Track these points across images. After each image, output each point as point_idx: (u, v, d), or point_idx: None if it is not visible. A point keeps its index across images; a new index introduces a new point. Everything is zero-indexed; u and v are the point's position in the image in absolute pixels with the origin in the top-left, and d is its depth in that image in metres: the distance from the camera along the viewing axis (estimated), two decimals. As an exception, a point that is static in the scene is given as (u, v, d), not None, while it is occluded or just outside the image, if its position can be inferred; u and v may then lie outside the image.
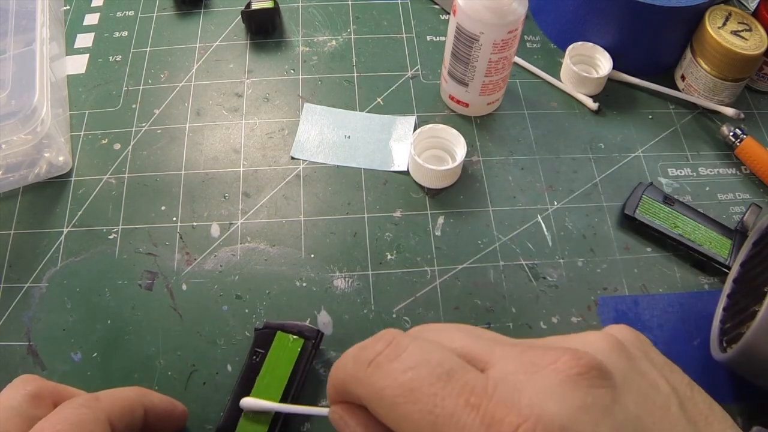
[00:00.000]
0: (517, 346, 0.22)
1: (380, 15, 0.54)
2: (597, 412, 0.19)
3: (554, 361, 0.20)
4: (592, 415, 0.19)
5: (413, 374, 0.21)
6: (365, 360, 0.22)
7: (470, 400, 0.20)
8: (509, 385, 0.20)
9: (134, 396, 0.29)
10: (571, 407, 0.19)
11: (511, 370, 0.21)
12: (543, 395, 0.19)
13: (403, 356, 0.21)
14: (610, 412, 0.20)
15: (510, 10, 0.40)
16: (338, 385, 0.24)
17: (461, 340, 0.23)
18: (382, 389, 0.21)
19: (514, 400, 0.19)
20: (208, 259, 0.40)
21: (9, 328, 0.37)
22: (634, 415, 0.20)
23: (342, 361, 0.24)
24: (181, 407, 0.33)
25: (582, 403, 0.19)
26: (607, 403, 0.20)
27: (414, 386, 0.20)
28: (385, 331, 0.23)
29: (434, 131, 0.44)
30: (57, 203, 0.42)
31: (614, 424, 0.19)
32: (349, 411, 0.25)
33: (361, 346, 0.23)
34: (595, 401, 0.19)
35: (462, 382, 0.20)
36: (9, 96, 0.39)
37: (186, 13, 0.53)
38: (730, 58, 0.45)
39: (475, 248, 0.41)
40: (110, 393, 0.29)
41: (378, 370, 0.21)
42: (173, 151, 0.45)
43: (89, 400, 0.27)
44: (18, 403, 0.27)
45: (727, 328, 0.37)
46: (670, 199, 0.43)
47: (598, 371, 0.20)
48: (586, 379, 0.20)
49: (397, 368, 0.21)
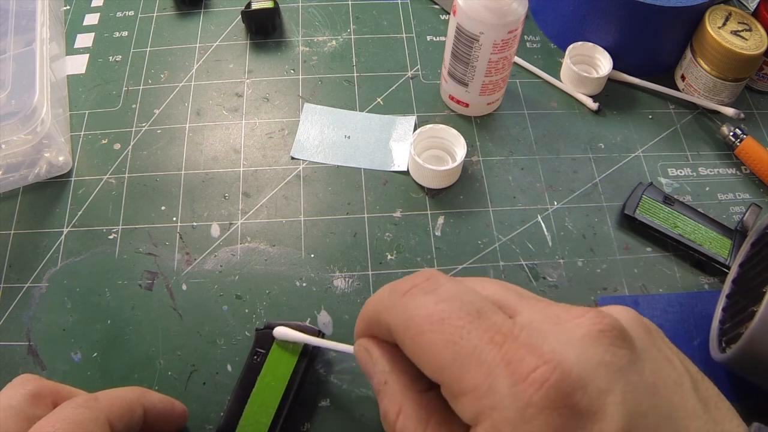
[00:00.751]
0: (545, 301, 0.23)
1: (380, 15, 0.54)
2: (614, 370, 0.20)
3: (579, 316, 0.21)
4: (609, 372, 0.20)
5: (445, 306, 0.21)
6: (401, 290, 0.23)
7: (495, 338, 0.20)
8: (534, 331, 0.21)
9: (133, 396, 0.29)
10: (590, 360, 0.20)
11: (537, 318, 0.21)
12: (565, 345, 0.20)
13: (438, 290, 0.22)
14: (627, 373, 0.20)
15: (510, 10, 0.40)
16: (369, 315, 0.25)
17: (493, 289, 0.24)
18: (412, 316, 0.22)
19: (537, 344, 0.20)
20: (208, 259, 0.40)
21: (9, 328, 0.37)
22: (649, 382, 0.20)
23: (377, 293, 0.25)
24: (180, 407, 0.33)
25: (601, 359, 0.20)
26: (624, 363, 0.20)
27: (444, 316, 0.21)
28: (424, 270, 0.24)
29: (434, 131, 0.44)
30: (57, 203, 0.42)
31: (628, 385, 0.20)
32: (374, 343, 0.26)
33: (398, 281, 0.24)
34: (614, 360, 0.20)
35: (490, 322, 0.21)
36: (9, 96, 0.39)
37: (186, 13, 0.53)
38: (730, 58, 0.45)
39: (475, 248, 0.41)
40: (109, 393, 0.29)
41: (412, 298, 0.22)
42: (173, 151, 0.45)
43: (88, 400, 0.27)
44: (17, 402, 0.27)
45: (726, 328, 0.37)
46: (670, 199, 0.43)
47: (620, 332, 0.21)
48: (608, 337, 0.20)
49: (430, 300, 0.22)
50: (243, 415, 0.32)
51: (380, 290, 0.25)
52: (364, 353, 0.26)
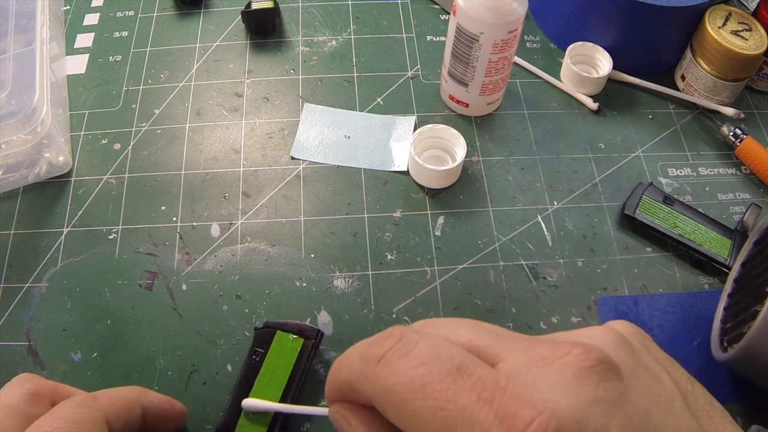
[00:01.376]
0: (525, 340, 0.22)
1: (380, 15, 0.54)
2: (608, 405, 0.19)
3: (564, 354, 0.20)
4: (604, 409, 0.19)
5: (424, 370, 0.20)
6: (374, 357, 0.22)
7: (483, 395, 0.20)
8: (521, 379, 0.20)
9: (132, 395, 0.29)
10: (583, 401, 0.19)
11: (521, 364, 0.21)
12: (555, 389, 0.19)
13: (413, 352, 0.21)
14: (621, 405, 0.20)
15: (510, 10, 0.40)
16: (341, 383, 0.24)
17: (467, 335, 0.22)
18: (392, 385, 0.21)
19: (526, 394, 0.19)
20: (208, 259, 0.40)
21: (9, 328, 0.37)
22: (642, 408, 0.20)
23: (346, 358, 0.24)
24: (179, 406, 0.33)
25: (594, 397, 0.19)
26: (616, 396, 0.20)
27: (425, 381, 0.20)
28: (392, 329, 0.22)
29: (434, 131, 0.44)
30: (57, 203, 0.42)
31: (624, 417, 0.19)
32: (350, 409, 0.24)
33: (368, 343, 0.23)
34: (606, 395, 0.20)
35: (474, 377, 0.20)
36: (9, 96, 0.39)
37: (186, 13, 0.53)
38: (730, 58, 0.45)
39: (475, 248, 0.41)
40: (108, 392, 0.29)
41: (387, 366, 0.21)
42: (173, 151, 0.45)
43: (86, 400, 0.27)
44: (16, 401, 0.27)
45: (728, 327, 0.37)
46: (670, 199, 0.43)
47: (608, 365, 0.20)
48: (596, 372, 0.20)
49: (407, 364, 0.21)
50: (242, 415, 0.32)
51: (346, 355, 0.24)
52: (341, 420, 0.25)
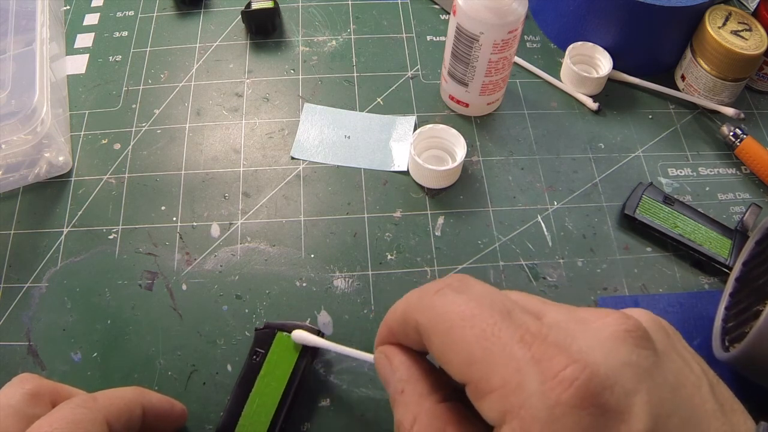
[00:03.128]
0: (567, 306, 0.23)
1: (380, 15, 0.54)
2: (640, 369, 0.20)
3: (604, 316, 0.21)
4: (635, 372, 0.20)
5: (476, 304, 0.22)
6: (433, 289, 0.23)
7: (525, 337, 0.21)
8: (562, 332, 0.21)
9: (132, 396, 0.29)
10: (617, 361, 0.20)
11: (563, 319, 0.22)
12: (592, 345, 0.20)
13: (470, 290, 0.23)
14: (651, 374, 0.20)
15: (510, 10, 0.40)
16: (395, 319, 0.25)
17: (516, 295, 0.24)
18: (444, 312, 0.22)
19: (565, 344, 0.20)
20: (208, 259, 0.40)
21: (9, 328, 0.37)
22: (672, 383, 0.21)
23: (406, 297, 0.25)
24: (179, 406, 0.33)
25: (627, 360, 0.20)
26: (649, 364, 0.20)
27: (476, 312, 0.22)
28: (454, 274, 0.24)
29: (434, 131, 0.44)
30: (57, 203, 0.42)
31: (653, 386, 0.20)
32: (394, 351, 0.26)
33: (428, 283, 0.24)
34: (639, 360, 0.20)
35: (520, 321, 0.21)
36: (9, 96, 0.39)
37: (186, 13, 0.53)
38: (730, 58, 0.45)
39: (475, 248, 0.41)
40: (108, 393, 0.29)
41: (444, 297, 0.23)
42: (173, 151, 0.45)
43: (87, 401, 0.27)
44: (16, 401, 0.27)
45: (729, 327, 0.37)
46: (670, 199, 0.43)
47: (644, 333, 0.21)
48: (633, 337, 0.21)
49: (462, 297, 0.22)
50: (242, 415, 0.32)
51: (408, 294, 0.25)
52: (383, 360, 0.26)
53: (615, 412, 0.19)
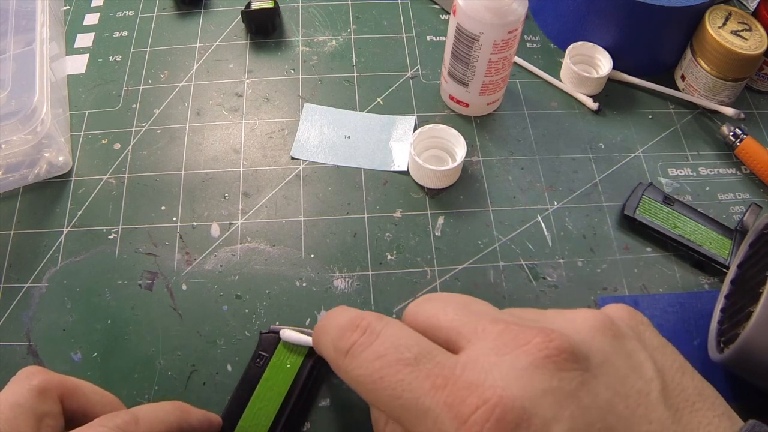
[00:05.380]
0: (500, 323, 0.22)
1: (380, 15, 0.54)
2: (562, 395, 0.19)
3: (525, 343, 0.21)
4: (556, 398, 0.19)
5: (382, 362, 0.22)
6: (343, 350, 0.23)
7: (436, 383, 0.20)
8: (478, 367, 0.21)
9: (174, 419, 0.28)
10: (534, 390, 0.19)
11: (484, 351, 0.21)
12: (509, 377, 0.20)
13: (374, 345, 0.22)
14: (576, 396, 0.19)
15: (510, 10, 0.40)
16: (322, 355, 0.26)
17: (453, 313, 0.24)
18: (357, 377, 0.22)
19: (479, 381, 0.20)
20: (208, 259, 0.40)
21: (9, 328, 0.37)
22: (604, 399, 0.20)
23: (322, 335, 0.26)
24: (216, 421, 0.31)
25: (547, 387, 0.19)
26: (573, 387, 0.20)
27: (383, 374, 0.21)
28: (360, 317, 0.24)
29: (434, 131, 0.44)
30: (57, 203, 0.42)
31: (578, 408, 0.19)
32: None
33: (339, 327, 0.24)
34: (561, 384, 0.20)
35: (430, 365, 0.21)
36: (9, 96, 0.39)
37: (186, 13, 0.53)
38: (730, 58, 0.45)
39: (475, 248, 0.41)
40: (149, 415, 0.27)
41: (354, 359, 0.23)
42: (173, 151, 0.45)
43: (128, 423, 0.25)
44: (25, 399, 0.25)
45: (724, 328, 0.37)
46: (670, 199, 0.43)
47: (569, 354, 0.20)
48: (553, 362, 0.20)
49: (368, 357, 0.22)
50: (242, 418, 0.32)
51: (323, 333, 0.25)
52: None
53: None
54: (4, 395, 0.26)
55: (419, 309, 0.25)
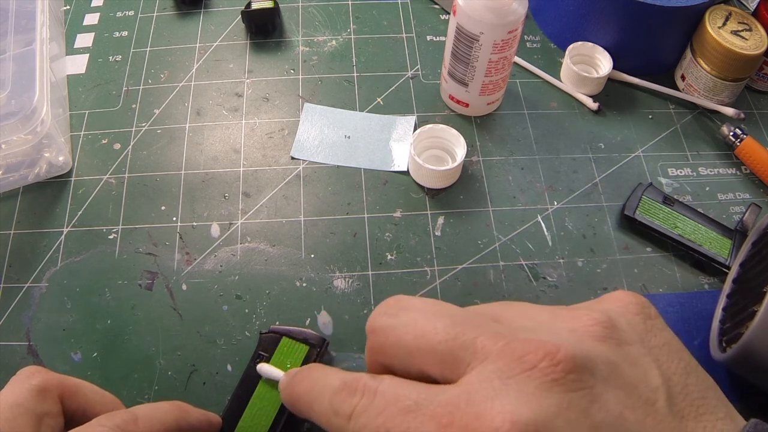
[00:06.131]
0: (499, 339, 0.21)
1: (380, 15, 0.54)
2: (573, 415, 0.19)
3: (531, 366, 0.20)
4: (568, 419, 0.19)
5: (385, 417, 0.22)
6: (346, 414, 0.23)
7: (442, 422, 0.20)
8: (482, 395, 0.20)
9: (171, 419, 0.27)
10: (546, 413, 0.19)
11: (486, 375, 0.21)
12: (517, 402, 0.19)
13: (375, 402, 0.22)
14: (587, 413, 0.19)
15: (510, 10, 0.40)
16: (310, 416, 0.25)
17: (443, 332, 0.23)
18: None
19: (486, 410, 0.20)
20: (208, 259, 0.40)
21: (9, 328, 0.37)
22: (614, 414, 0.20)
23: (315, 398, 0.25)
24: (216, 421, 0.31)
25: (557, 409, 0.19)
26: (584, 405, 0.19)
27: (388, 426, 0.21)
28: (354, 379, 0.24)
29: (434, 131, 0.44)
30: (57, 203, 0.42)
31: (592, 425, 0.19)
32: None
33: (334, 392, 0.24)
34: (572, 404, 0.19)
35: (432, 407, 0.21)
36: (9, 96, 0.39)
37: (186, 13, 0.53)
38: (730, 58, 0.45)
39: (475, 248, 0.41)
40: (149, 415, 0.27)
41: (357, 421, 0.22)
42: (173, 151, 0.45)
43: (128, 423, 0.25)
44: (24, 399, 0.25)
45: (726, 328, 0.37)
46: (669, 200, 0.43)
47: (576, 374, 0.20)
48: (561, 384, 0.20)
49: (371, 415, 0.22)
50: (242, 418, 0.32)
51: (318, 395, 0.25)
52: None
53: None
54: (4, 395, 0.26)
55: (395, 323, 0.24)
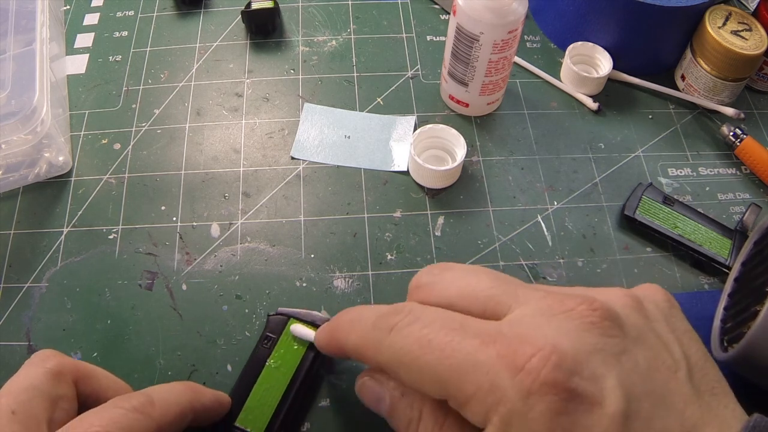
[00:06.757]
0: (539, 290, 0.23)
1: (380, 15, 0.54)
2: (607, 355, 0.20)
3: (571, 308, 0.21)
4: (603, 357, 0.20)
5: (429, 329, 0.22)
6: (386, 327, 0.23)
7: (486, 339, 0.21)
8: (526, 325, 0.21)
9: (185, 400, 0.28)
10: (583, 347, 0.20)
11: (529, 313, 0.22)
12: (558, 334, 0.20)
13: (420, 318, 0.23)
14: (619, 359, 0.21)
15: (510, 10, 0.40)
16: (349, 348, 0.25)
17: (487, 283, 0.24)
18: (403, 347, 0.22)
19: (530, 334, 0.21)
20: (208, 259, 0.40)
21: (9, 328, 0.37)
22: (642, 368, 0.21)
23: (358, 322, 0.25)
24: (226, 402, 0.31)
25: (593, 347, 0.20)
26: (617, 350, 0.21)
27: (431, 337, 0.22)
28: (401, 305, 0.24)
29: (434, 131, 0.44)
30: (57, 203, 0.42)
31: (623, 371, 0.20)
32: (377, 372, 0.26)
33: (380, 314, 0.24)
34: (606, 347, 0.21)
35: (476, 328, 0.22)
36: (9, 96, 0.39)
37: (186, 13, 0.53)
38: (730, 58, 0.45)
39: (475, 248, 0.41)
40: (164, 397, 0.27)
41: (399, 333, 0.23)
42: (173, 151, 0.45)
43: (145, 405, 0.25)
44: (40, 381, 0.25)
45: (728, 327, 0.37)
46: (669, 200, 0.43)
47: (611, 321, 0.21)
48: (598, 327, 0.21)
49: (415, 328, 0.23)
50: (248, 399, 0.33)
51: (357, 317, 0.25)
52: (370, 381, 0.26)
53: (587, 396, 0.19)
54: (20, 377, 0.26)
55: (439, 279, 0.25)
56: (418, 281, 0.26)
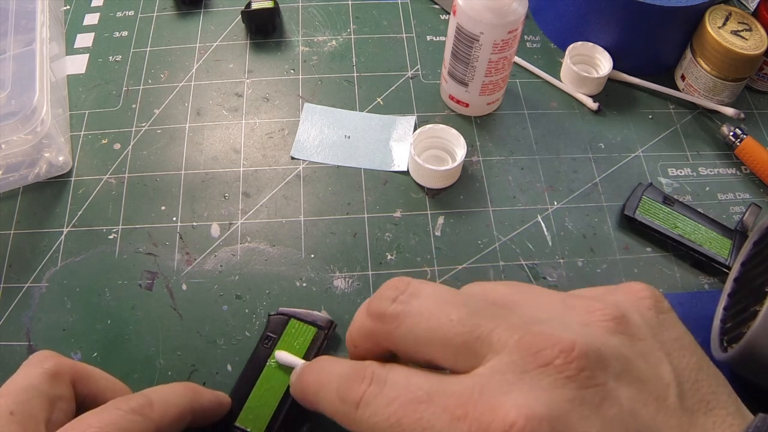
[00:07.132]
0: (515, 332, 0.21)
1: (380, 15, 0.54)
2: (586, 410, 0.19)
3: (546, 362, 0.20)
4: (581, 414, 0.19)
5: (396, 406, 0.21)
6: (353, 401, 0.23)
7: (456, 413, 0.20)
8: (496, 388, 0.20)
9: (185, 402, 0.28)
10: (560, 408, 0.19)
11: (501, 368, 0.21)
12: (532, 396, 0.19)
13: (385, 390, 0.22)
14: (600, 408, 0.19)
15: (510, 10, 0.40)
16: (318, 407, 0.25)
17: (459, 323, 0.22)
18: (374, 425, 0.22)
19: (500, 402, 0.20)
20: (208, 259, 0.40)
21: (9, 328, 0.37)
22: (626, 410, 0.20)
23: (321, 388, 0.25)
24: (226, 401, 0.31)
25: (571, 405, 0.19)
26: (597, 401, 0.20)
27: (399, 416, 0.21)
28: (362, 366, 0.23)
29: (434, 131, 0.44)
30: (57, 203, 0.42)
31: (604, 420, 0.19)
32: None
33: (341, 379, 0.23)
34: (585, 400, 0.19)
35: (445, 398, 0.21)
36: (9, 96, 0.39)
37: (186, 13, 0.53)
38: (730, 58, 0.45)
39: (475, 248, 0.41)
40: (163, 398, 0.27)
41: (367, 408, 0.22)
42: (173, 151, 0.45)
43: (143, 407, 0.25)
44: (38, 382, 0.25)
45: (728, 327, 0.37)
46: (669, 200, 0.43)
47: (590, 371, 0.20)
48: (575, 380, 0.20)
49: (381, 403, 0.22)
50: (249, 398, 0.33)
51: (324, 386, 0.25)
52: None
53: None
54: (18, 378, 0.26)
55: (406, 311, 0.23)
56: (381, 309, 0.24)
